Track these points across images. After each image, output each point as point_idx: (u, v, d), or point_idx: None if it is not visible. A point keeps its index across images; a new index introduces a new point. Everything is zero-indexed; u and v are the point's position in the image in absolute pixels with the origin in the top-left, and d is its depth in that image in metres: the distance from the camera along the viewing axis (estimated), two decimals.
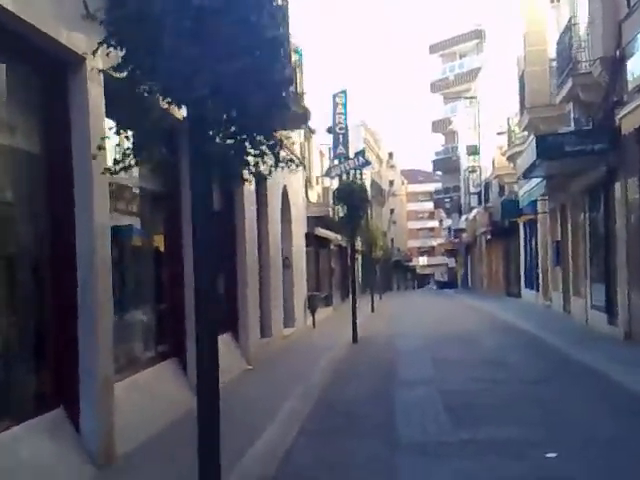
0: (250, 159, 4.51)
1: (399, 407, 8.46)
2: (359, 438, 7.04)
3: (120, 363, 6.89)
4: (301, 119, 14.06)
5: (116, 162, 4.54)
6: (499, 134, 30.20)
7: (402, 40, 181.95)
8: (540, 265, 24.84)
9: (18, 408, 5.41)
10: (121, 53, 4.13)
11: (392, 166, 73.70)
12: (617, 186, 13.40)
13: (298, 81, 13.75)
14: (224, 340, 11.26)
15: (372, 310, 28.16)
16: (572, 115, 14.74)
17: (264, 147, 4.48)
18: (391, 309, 30.60)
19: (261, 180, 14.04)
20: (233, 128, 4.29)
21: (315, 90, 25.43)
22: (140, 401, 7.11)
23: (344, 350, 14.56)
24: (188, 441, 4.60)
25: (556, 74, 16.33)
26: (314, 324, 20.30)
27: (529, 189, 20.25)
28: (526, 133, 23.76)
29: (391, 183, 71.56)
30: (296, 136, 19.85)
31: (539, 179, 18.55)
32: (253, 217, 13.07)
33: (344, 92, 24.95)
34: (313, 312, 20.48)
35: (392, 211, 72.52)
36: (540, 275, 24.88)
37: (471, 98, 45.79)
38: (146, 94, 4.14)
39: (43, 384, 5.80)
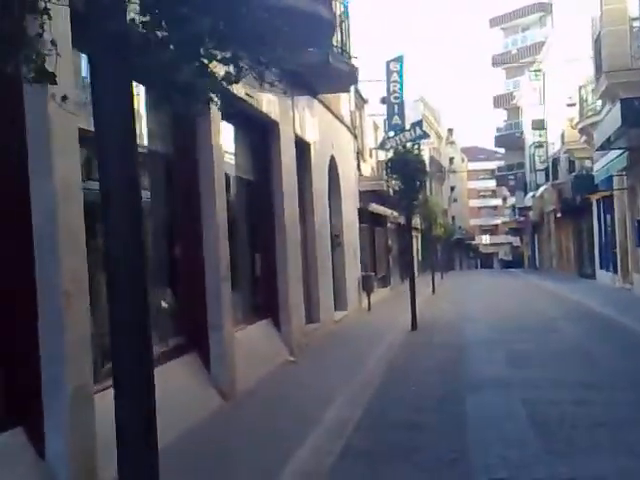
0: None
1: (472, 424, 6.68)
2: (419, 468, 5.42)
3: None
4: (347, 78, 12.71)
5: None
6: (569, 106, 28.05)
7: (462, 13, 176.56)
8: (618, 245, 22.84)
9: None
10: None
11: (452, 143, 71.60)
12: None
13: (344, 36, 12.37)
14: (261, 327, 10.20)
15: (433, 291, 26.74)
16: None
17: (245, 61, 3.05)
18: (453, 290, 29.01)
19: (302, 148, 13.15)
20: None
21: (371, 61, 24.05)
22: None
23: (401, 338, 13.26)
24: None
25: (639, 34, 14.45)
26: (369, 307, 19.12)
27: (607, 163, 18.34)
28: (600, 103, 21.76)
29: (451, 160, 69.69)
30: (345, 101, 18.49)
31: (619, 151, 16.68)
32: (293, 189, 11.88)
33: (400, 58, 23.24)
34: (368, 294, 19.28)
35: (452, 189, 70.66)
36: (618, 256, 22.88)
37: (536, 71, 43.35)
38: None
39: None
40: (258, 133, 10.93)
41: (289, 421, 6.97)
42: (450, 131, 72.97)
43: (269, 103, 10.49)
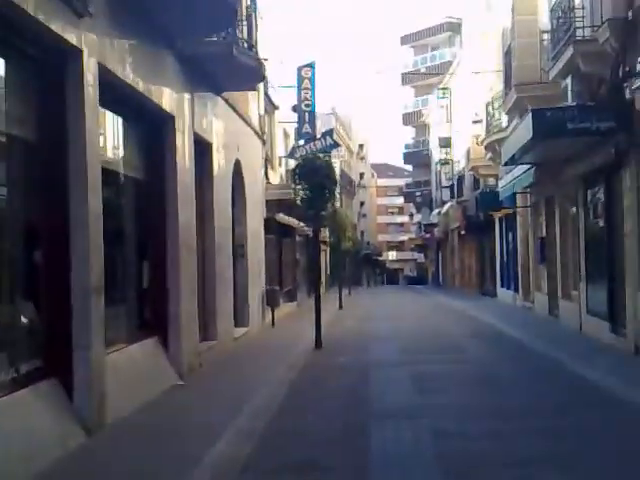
0: None
1: (375, 463, 5.87)
2: None
3: None
4: (253, 75, 11.78)
5: None
6: (475, 122, 28.29)
7: (374, 29, 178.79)
8: (520, 263, 22.93)
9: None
10: None
11: (362, 158, 72.02)
12: (626, 173, 11.39)
13: (251, 29, 11.47)
14: (145, 347, 9.05)
15: (340, 307, 26.13)
16: (569, 92, 12.69)
17: None
18: (361, 306, 28.51)
19: (203, 148, 12.10)
20: None
21: (283, 68, 23.17)
22: None
23: (304, 358, 12.38)
24: None
25: (549, 47, 14.31)
26: (273, 322, 18.20)
27: (512, 179, 18.23)
28: (507, 119, 21.84)
29: (361, 175, 70.06)
30: (254, 104, 17.55)
31: (526, 167, 16.53)
32: (190, 192, 10.82)
33: (312, 65, 22.48)
34: (273, 309, 18.35)
35: (362, 204, 70.99)
36: (520, 274, 22.96)
37: (444, 89, 43.99)
38: None
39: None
40: (151, 127, 9.80)
41: (162, 461, 5.90)
42: (361, 146, 73.40)
43: (163, 93, 9.43)
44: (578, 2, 11.97)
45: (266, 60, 18.89)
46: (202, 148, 12.01)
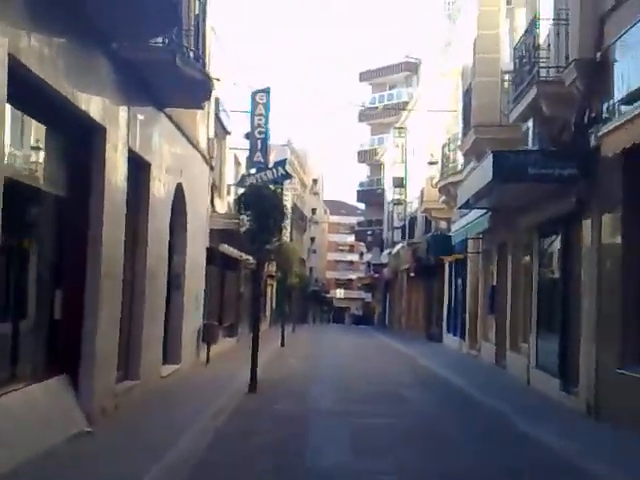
0: None
1: None
2: None
3: None
4: (199, 90, 10.85)
5: None
6: (430, 164, 27.93)
7: (333, 65, 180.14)
8: (468, 310, 22.35)
9: None
10: None
11: (316, 193, 71.61)
12: (586, 223, 10.84)
13: (199, 39, 10.58)
14: (50, 386, 7.90)
15: (282, 344, 25.04)
16: (530, 136, 12.18)
17: None
18: (304, 345, 27.49)
19: (139, 167, 11.08)
20: None
21: (236, 96, 22.31)
22: None
23: (235, 403, 11.31)
24: None
25: (511, 88, 13.88)
26: (208, 360, 17.04)
27: (466, 223, 17.68)
28: (462, 161, 21.46)
29: (313, 211, 69.55)
30: (202, 126, 16.61)
31: (481, 212, 15.99)
32: (120, 213, 9.76)
33: (267, 90, 21.66)
34: (209, 345, 17.20)
35: (313, 240, 70.31)
36: (467, 321, 22.36)
37: (400, 129, 43.96)
38: None
39: None
40: (77, 137, 8.77)
41: None
42: (315, 181, 73.00)
43: (92, 100, 8.43)
44: (543, 40, 11.51)
45: (218, 80, 18.04)
46: (139, 166, 10.99)
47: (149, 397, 11.03)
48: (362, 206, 69.55)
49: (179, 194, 14.33)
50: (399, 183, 43.32)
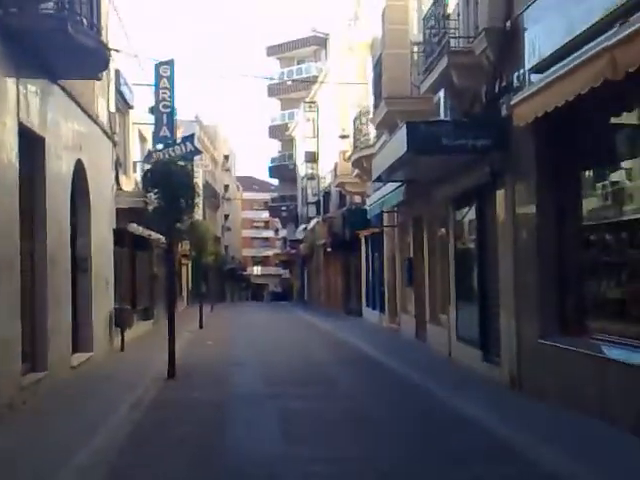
0: None
1: None
2: None
3: None
4: (95, 59, 10.10)
5: None
6: (342, 137, 27.70)
7: (241, 38, 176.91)
8: (386, 284, 22.38)
9: None
10: None
11: (227, 170, 70.45)
12: (500, 194, 10.79)
13: (93, 6, 9.80)
14: None
15: (201, 326, 24.43)
16: (442, 107, 12.03)
17: None
18: (223, 325, 26.95)
19: (32, 142, 10.14)
20: None
21: (139, 72, 21.18)
22: None
23: (153, 392, 10.80)
24: None
25: (421, 60, 13.69)
26: (122, 346, 16.33)
27: (381, 197, 17.54)
28: (374, 135, 21.30)
29: (226, 188, 68.45)
30: (102, 99, 15.64)
31: (395, 185, 15.85)
32: (11, 193, 9.05)
33: (171, 63, 20.62)
34: (122, 330, 16.48)
35: (227, 217, 69.25)
36: (386, 295, 22.40)
37: (311, 103, 43.55)
38: None
39: None
40: None
41: None
42: (226, 157, 71.79)
43: None
44: (452, 10, 11.30)
45: (117, 51, 17.07)
46: (31, 141, 10.17)
47: (60, 389, 10.38)
48: (275, 182, 69.02)
49: (79, 171, 13.47)
50: (311, 158, 43.05)
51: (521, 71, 9.73)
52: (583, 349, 8.32)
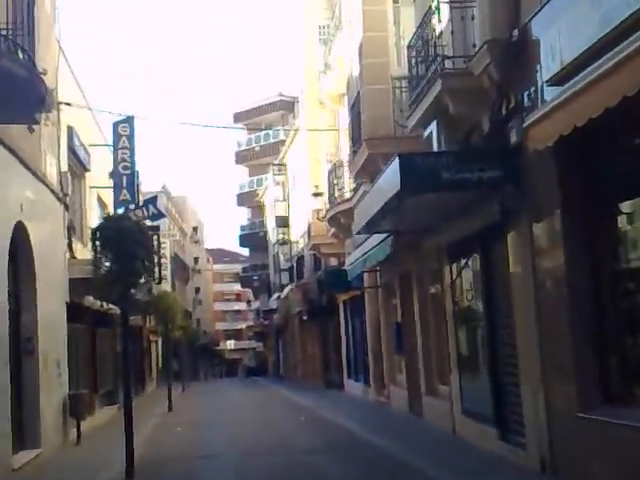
0: None
1: None
2: None
3: None
4: (29, 95, 8.30)
5: None
6: (315, 195, 26.08)
7: (208, 107, 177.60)
8: (370, 352, 20.27)
9: None
10: None
11: (197, 241, 68.57)
12: (513, 237, 9.00)
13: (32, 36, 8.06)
14: None
15: (169, 409, 21.90)
16: (435, 143, 10.33)
17: None
18: (194, 407, 24.39)
19: None
20: None
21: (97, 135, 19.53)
22: None
23: None
24: None
25: (405, 97, 12.14)
26: (78, 439, 13.97)
27: (364, 253, 15.67)
28: (350, 189, 19.69)
29: (196, 260, 66.40)
30: (51, 157, 13.78)
31: (380, 237, 14.02)
32: None
33: (130, 120, 18.73)
34: (78, 420, 14.15)
35: (198, 290, 66.77)
36: (371, 365, 20.26)
37: (280, 165, 42.21)
38: None
39: None
40: None
41: None
42: (195, 229, 70.08)
43: None
44: (443, 29, 9.71)
45: (68, 105, 15.44)
46: None
47: None
48: (246, 252, 67.25)
49: (21, 236, 11.52)
50: (283, 222, 41.35)
51: (532, 88, 8.10)
52: (635, 422, 6.41)
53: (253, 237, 58.19)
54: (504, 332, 9.65)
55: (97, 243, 10.19)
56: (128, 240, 9.89)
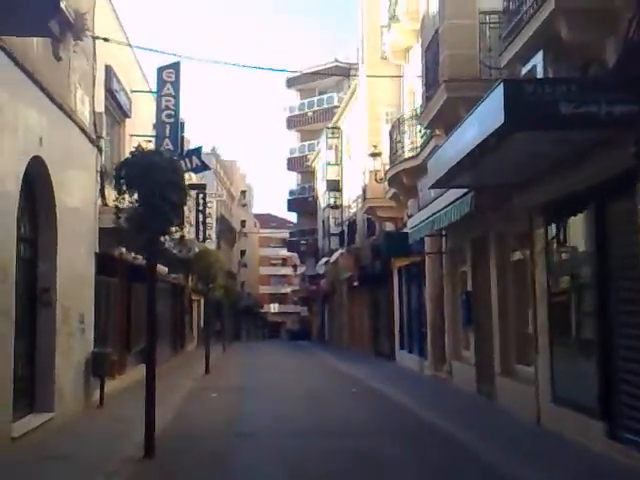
0: None
1: None
2: None
3: None
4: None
5: None
6: (373, 155, 24.30)
7: (259, 71, 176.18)
8: (430, 324, 18.66)
9: None
10: None
11: (244, 205, 67.75)
12: None
13: None
14: None
15: (207, 371, 20.79)
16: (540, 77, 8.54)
17: None
18: (234, 370, 23.26)
19: None
20: None
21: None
22: None
23: None
24: None
25: (494, 34, 10.29)
26: (101, 400, 12.81)
27: (432, 214, 13.98)
28: (419, 144, 17.94)
29: (243, 223, 65.63)
30: (81, 95, 12.37)
31: (449, 198, 12.30)
32: None
33: (176, 66, 17.33)
34: (102, 381, 12.98)
35: (243, 253, 65.98)
36: (429, 337, 18.67)
37: (334, 129, 40.43)
38: None
39: None
40: None
41: None
42: (243, 193, 69.26)
43: None
44: None
45: (106, 40, 14.08)
46: None
47: None
48: (294, 218, 65.91)
49: (39, 174, 10.15)
50: (334, 186, 39.73)
51: None
52: None
53: (302, 202, 56.85)
54: (623, 307, 7.93)
55: (121, 182, 8.57)
56: (157, 179, 8.31)
